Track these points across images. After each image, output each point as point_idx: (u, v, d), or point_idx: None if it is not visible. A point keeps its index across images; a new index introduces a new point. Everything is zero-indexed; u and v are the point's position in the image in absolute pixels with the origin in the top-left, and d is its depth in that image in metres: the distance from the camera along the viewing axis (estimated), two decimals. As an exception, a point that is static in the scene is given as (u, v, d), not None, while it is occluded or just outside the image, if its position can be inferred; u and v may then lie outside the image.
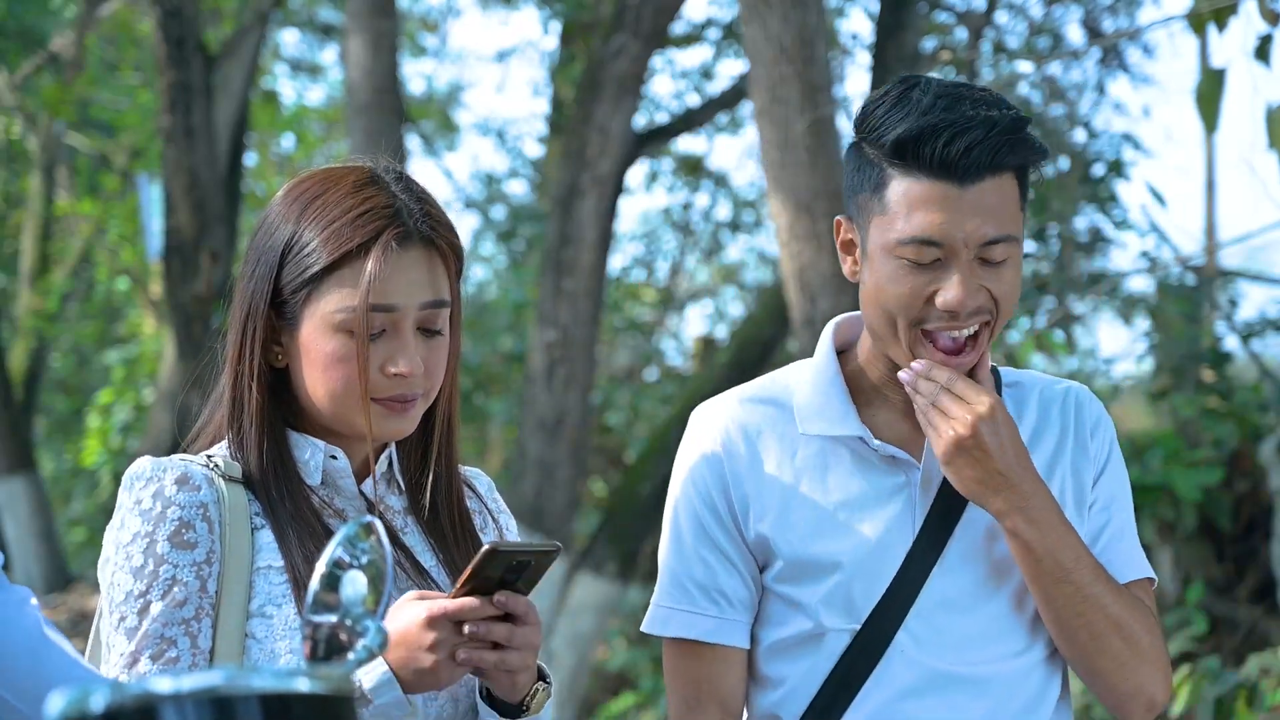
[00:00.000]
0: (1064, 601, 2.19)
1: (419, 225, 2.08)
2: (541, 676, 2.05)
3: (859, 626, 2.23)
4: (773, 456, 2.28)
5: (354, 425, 2.08)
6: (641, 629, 2.37)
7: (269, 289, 2.08)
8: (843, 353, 2.34)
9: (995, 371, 2.33)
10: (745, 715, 2.35)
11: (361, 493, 2.15)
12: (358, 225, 2.05)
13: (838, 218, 2.27)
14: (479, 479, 2.29)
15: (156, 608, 1.99)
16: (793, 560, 2.25)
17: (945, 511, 2.24)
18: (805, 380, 2.32)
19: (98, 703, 1.14)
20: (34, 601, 1.96)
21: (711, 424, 2.31)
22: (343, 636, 1.44)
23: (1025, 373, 2.38)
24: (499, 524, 2.27)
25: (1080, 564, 2.19)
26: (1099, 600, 2.19)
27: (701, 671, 2.31)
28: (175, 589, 2.00)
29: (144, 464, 2.06)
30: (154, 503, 2.02)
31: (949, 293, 2.14)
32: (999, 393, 2.30)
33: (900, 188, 2.15)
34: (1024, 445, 2.20)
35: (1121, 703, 2.25)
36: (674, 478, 2.34)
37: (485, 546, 1.91)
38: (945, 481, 2.23)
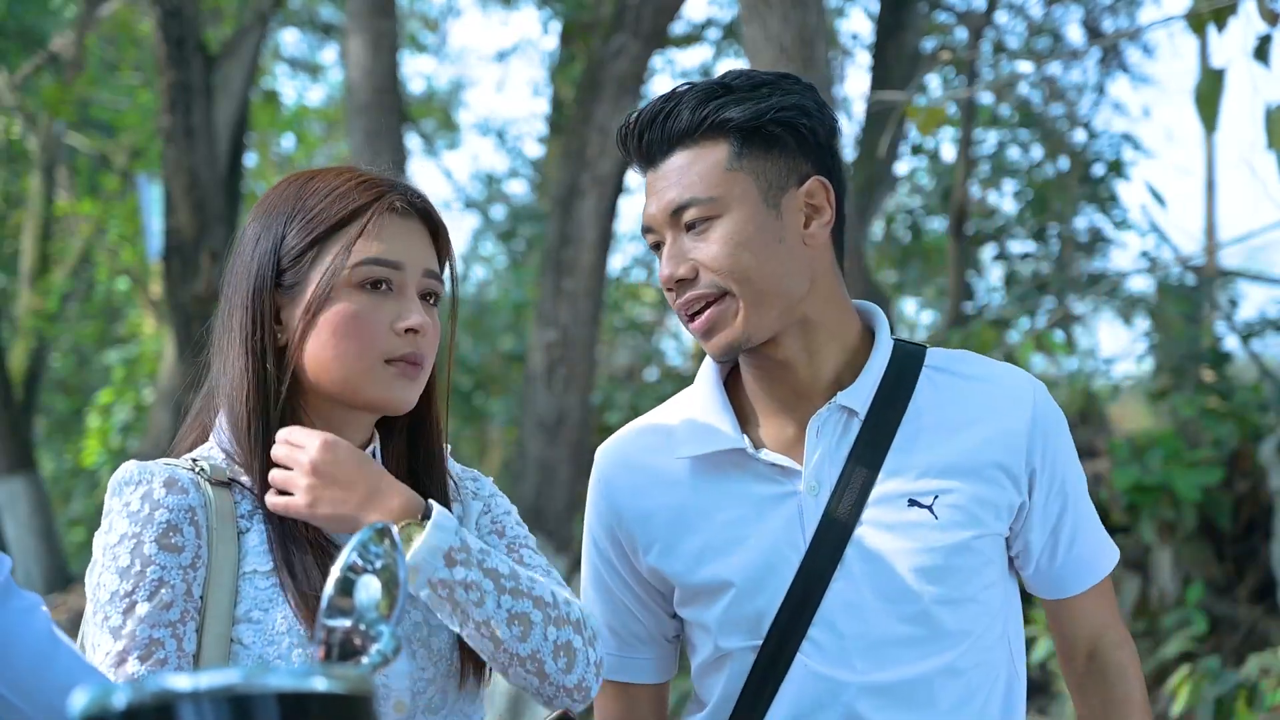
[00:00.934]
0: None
1: (414, 200, 2.12)
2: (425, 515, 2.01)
3: (760, 643, 2.17)
4: (656, 486, 2.23)
5: (362, 391, 2.07)
6: None
7: (273, 262, 2.09)
8: (736, 368, 2.29)
9: (922, 351, 2.25)
10: None
11: None
12: (361, 189, 2.09)
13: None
14: (481, 481, 2.29)
15: (143, 608, 1.98)
16: (685, 587, 2.22)
17: (840, 515, 2.15)
18: (688, 400, 2.28)
19: (119, 700, 1.15)
20: (44, 608, 1.97)
21: (601, 461, 2.30)
22: (356, 640, 1.45)
23: (957, 356, 2.27)
24: (498, 519, 2.26)
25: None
26: None
27: (614, 706, 2.34)
28: (162, 590, 1.99)
29: (130, 468, 2.05)
30: (142, 505, 2.01)
31: (661, 269, 2.17)
32: (916, 375, 2.21)
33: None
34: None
35: None
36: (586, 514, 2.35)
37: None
38: (838, 484, 2.15)
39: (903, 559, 2.14)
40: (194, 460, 2.07)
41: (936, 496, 2.15)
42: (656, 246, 2.18)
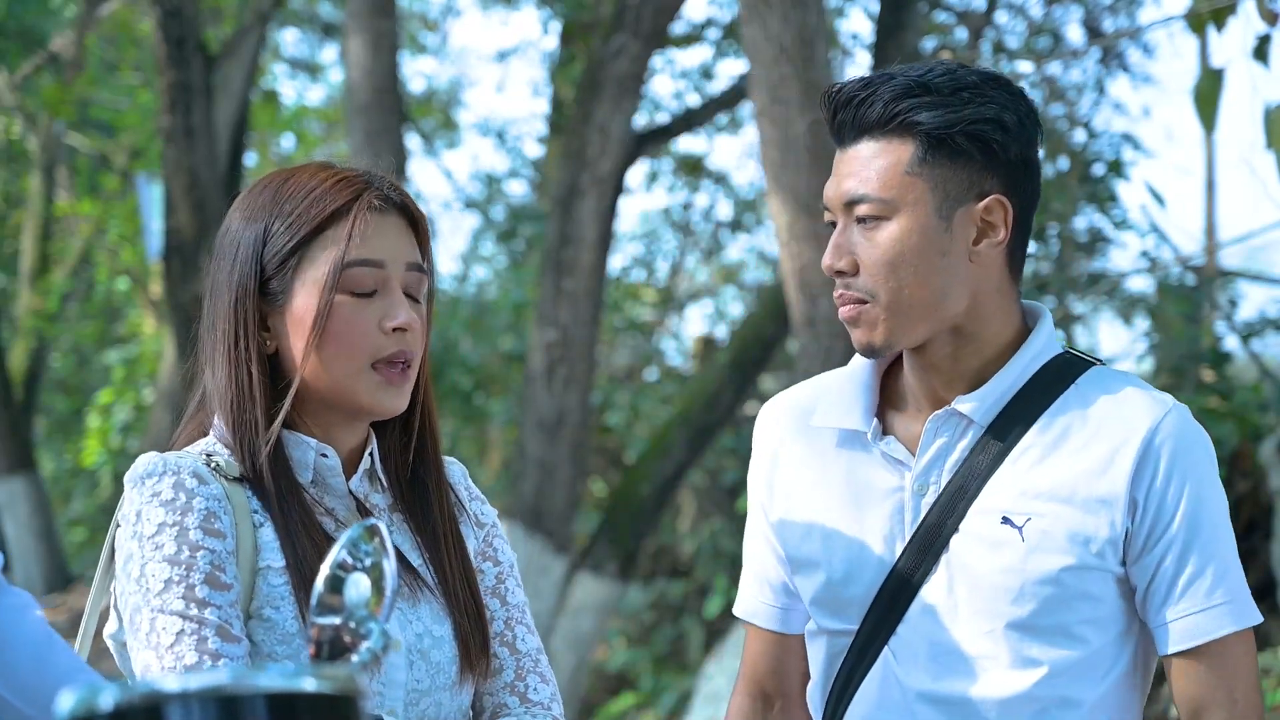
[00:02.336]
0: None
1: (391, 193, 2.11)
2: None
3: (855, 629, 2.18)
4: (790, 449, 2.26)
5: (351, 397, 2.07)
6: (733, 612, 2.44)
7: (255, 271, 2.08)
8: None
9: (1085, 367, 2.18)
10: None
11: (350, 491, 2.14)
12: (337, 190, 2.08)
13: None
14: (452, 466, 2.27)
15: (203, 590, 1.96)
16: (790, 556, 2.25)
17: (940, 521, 2.13)
18: (842, 371, 2.28)
19: (106, 701, 1.15)
20: (36, 606, 1.96)
21: (759, 417, 2.33)
22: (346, 638, 1.45)
23: (1118, 375, 2.18)
24: (471, 512, 2.24)
25: None
26: None
27: (758, 651, 2.35)
28: (218, 573, 1.98)
29: (153, 460, 2.05)
30: (176, 493, 2.00)
31: (825, 255, 2.16)
32: (1063, 389, 2.13)
33: None
34: None
35: None
36: None
37: None
38: (944, 489, 2.13)
39: (986, 576, 2.12)
40: (208, 455, 2.06)
41: (1029, 519, 2.11)
42: (831, 225, 2.17)
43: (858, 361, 2.24)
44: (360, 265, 2.06)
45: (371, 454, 2.16)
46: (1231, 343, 7.64)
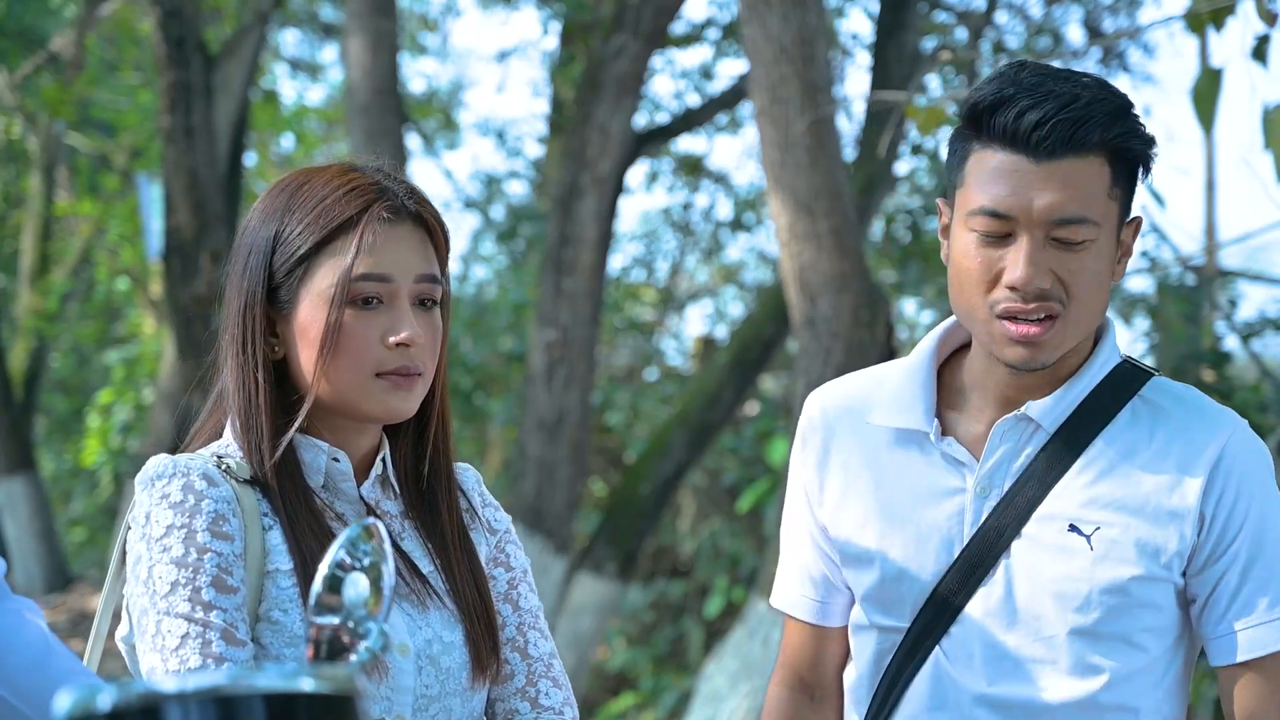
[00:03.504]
0: None
1: (406, 202, 2.09)
2: None
3: (906, 626, 2.19)
4: (844, 443, 2.25)
5: (357, 406, 2.07)
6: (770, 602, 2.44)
7: (264, 277, 2.07)
8: (964, 348, 2.26)
9: (1146, 377, 2.20)
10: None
11: (362, 497, 2.13)
12: (347, 200, 2.06)
13: (940, 199, 2.21)
14: (466, 473, 2.27)
15: (209, 594, 1.96)
16: (842, 550, 2.24)
17: (1001, 524, 2.13)
18: (898, 367, 2.27)
19: (104, 702, 1.15)
20: (36, 611, 1.97)
21: (808, 407, 2.32)
22: (345, 638, 1.45)
23: (1179, 389, 2.20)
24: (483, 519, 2.24)
25: None
26: None
27: (797, 644, 2.36)
28: (225, 577, 1.98)
29: (163, 461, 2.04)
30: (185, 495, 2.00)
31: (1014, 270, 2.05)
32: (1127, 398, 2.16)
33: (977, 159, 2.09)
34: None
35: None
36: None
37: None
38: (1008, 493, 2.13)
39: (1050, 583, 2.13)
40: (219, 457, 2.06)
41: (1098, 528, 2.12)
42: (992, 235, 2.08)
43: (915, 357, 2.24)
44: (366, 279, 2.04)
45: (384, 460, 2.15)
46: (1231, 343, 7.63)
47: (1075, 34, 10.82)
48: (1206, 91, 3.95)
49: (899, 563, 2.19)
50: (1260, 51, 3.90)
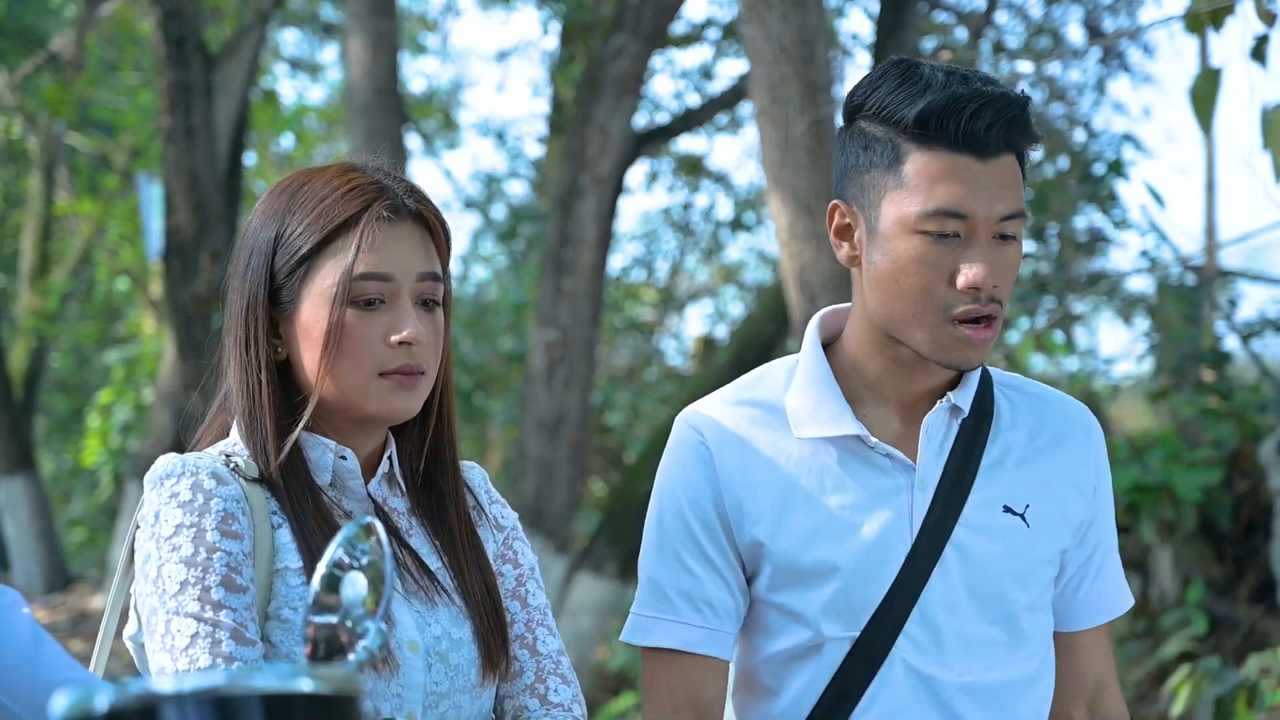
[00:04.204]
0: None
1: (406, 200, 2.09)
2: None
3: (858, 634, 2.17)
4: (765, 460, 2.21)
5: (361, 406, 2.06)
6: (621, 639, 2.30)
7: (266, 278, 2.07)
8: (828, 346, 2.26)
9: (985, 371, 2.28)
10: None
11: (369, 494, 2.13)
12: (347, 200, 2.06)
13: (833, 202, 2.19)
14: (472, 471, 2.27)
15: (219, 593, 1.95)
16: (788, 567, 2.18)
17: (943, 513, 2.18)
18: (795, 380, 2.24)
19: (101, 703, 1.14)
20: (26, 606, 1.96)
21: (699, 428, 2.24)
22: (343, 637, 1.44)
23: (1017, 377, 2.32)
24: (490, 516, 2.24)
25: None
26: None
27: (682, 682, 2.22)
28: (234, 576, 1.97)
29: (171, 461, 2.04)
30: (194, 494, 1.99)
31: (973, 269, 2.08)
32: (991, 392, 2.25)
33: (920, 162, 2.09)
34: None
35: None
36: (659, 484, 2.28)
37: None
38: (941, 481, 2.18)
39: (995, 563, 2.19)
40: (227, 456, 2.06)
41: (1029, 506, 2.21)
42: (946, 237, 2.10)
43: (813, 364, 2.23)
44: (367, 279, 2.04)
45: (390, 457, 2.15)
46: (1231, 343, 7.63)
47: (1075, 34, 10.83)
48: (1205, 91, 3.95)
49: (857, 569, 2.17)
50: (1259, 51, 3.90)
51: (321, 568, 1.48)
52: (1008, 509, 2.19)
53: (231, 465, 2.04)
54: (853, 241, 2.17)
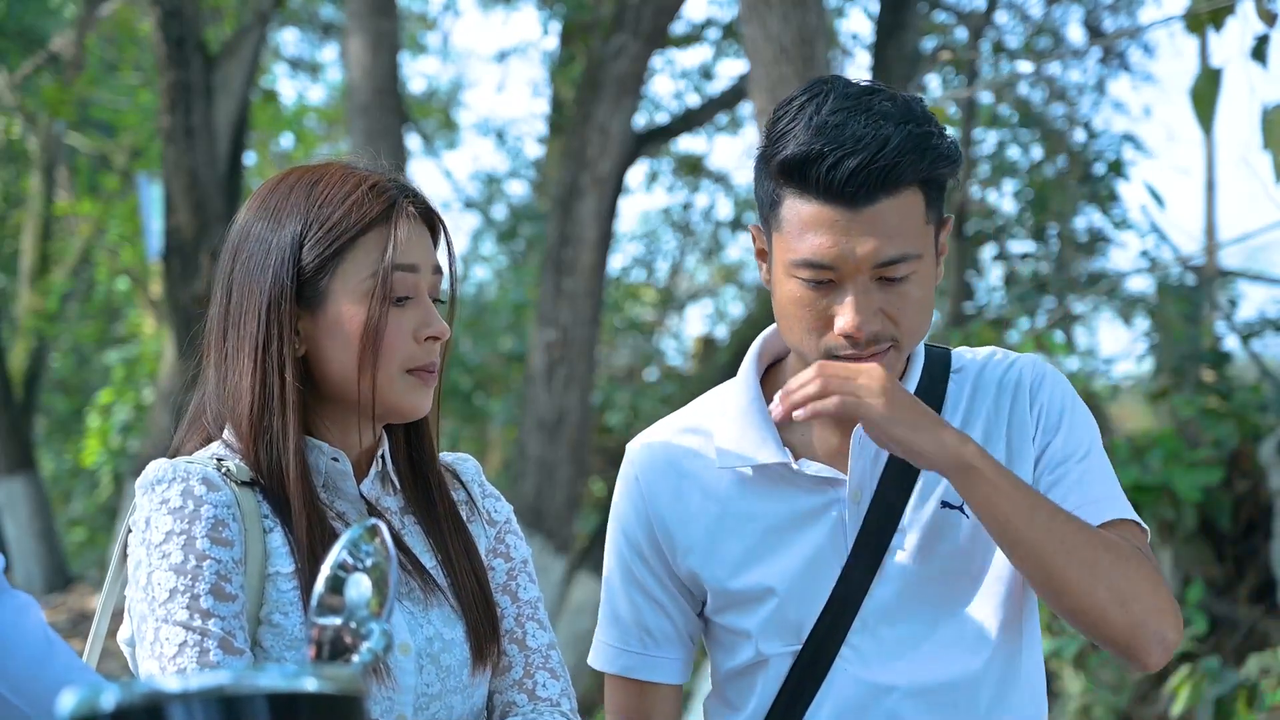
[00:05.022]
0: (1043, 529, 2.03)
1: (418, 200, 2.12)
2: None
3: (799, 648, 2.18)
4: (696, 489, 2.23)
5: (387, 403, 2.06)
6: (588, 661, 2.36)
7: (293, 274, 2.05)
8: (775, 364, 2.28)
9: (947, 355, 2.25)
10: None
11: (362, 495, 2.13)
12: (374, 195, 2.07)
13: (752, 224, 2.19)
14: (465, 464, 2.28)
15: (208, 601, 1.95)
16: (723, 593, 2.21)
17: (880, 522, 2.16)
18: (726, 407, 2.25)
19: (108, 701, 1.14)
20: (36, 608, 1.96)
21: (638, 459, 2.27)
22: (347, 639, 1.44)
23: (974, 354, 2.26)
24: (483, 510, 2.24)
25: (1039, 498, 2.07)
26: (1073, 524, 2.05)
27: (631, 705, 2.30)
28: (223, 583, 1.97)
29: (162, 466, 2.03)
30: (184, 500, 1.99)
31: (844, 317, 2.05)
32: (945, 381, 2.22)
33: (792, 208, 2.07)
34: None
35: (1128, 642, 2.07)
36: (610, 512, 2.32)
37: None
38: (878, 491, 2.16)
39: (938, 561, 2.17)
40: (219, 460, 2.05)
41: None
42: (821, 283, 2.07)
43: (741, 393, 2.24)
44: (400, 271, 2.05)
45: (383, 456, 2.15)
46: (1231, 343, 7.63)
47: (1075, 34, 10.83)
48: (1205, 91, 3.95)
49: (791, 588, 2.17)
50: (1259, 51, 3.90)
51: (326, 569, 1.48)
52: (945, 504, 2.16)
53: (223, 470, 2.03)
54: (767, 266, 2.17)
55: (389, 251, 2.05)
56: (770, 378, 2.28)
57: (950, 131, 2.15)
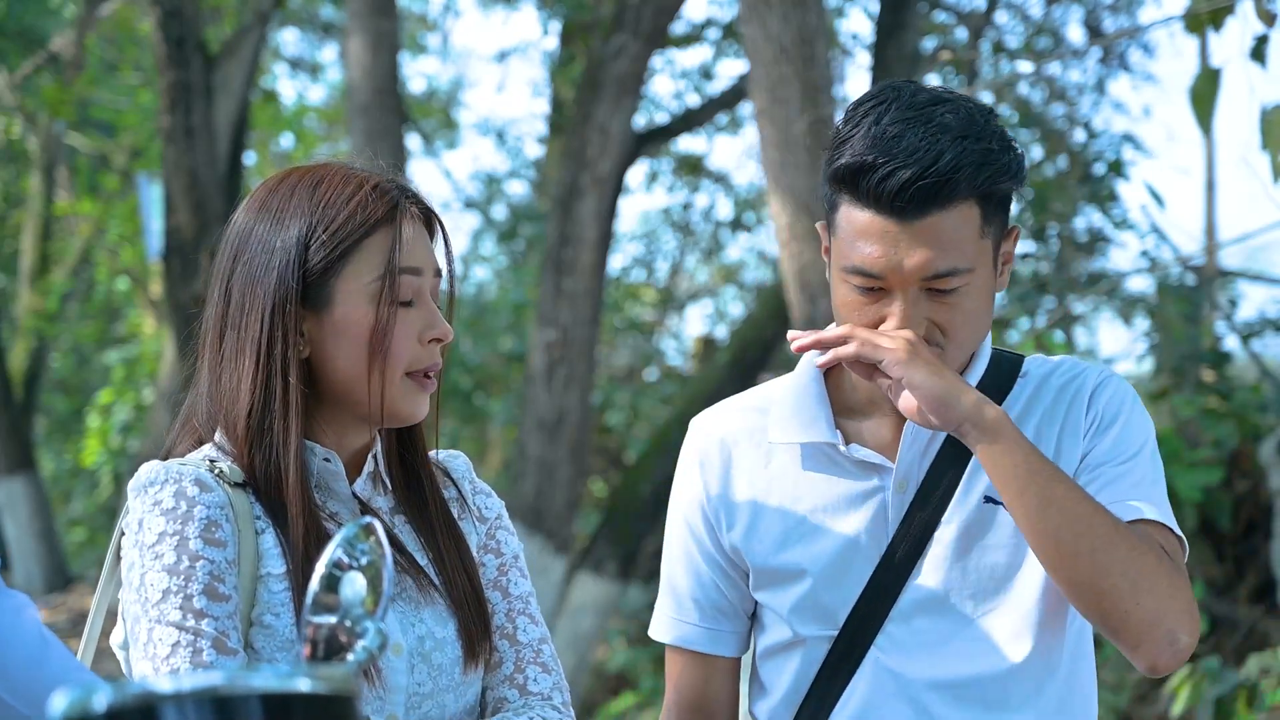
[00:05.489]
0: (1059, 503, 2.03)
1: (419, 202, 2.12)
2: None
3: (836, 633, 2.21)
4: (746, 466, 2.27)
5: (390, 406, 2.06)
6: (648, 633, 2.41)
7: (299, 275, 2.04)
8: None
9: (1019, 360, 2.26)
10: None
11: (354, 495, 2.13)
12: (378, 195, 2.07)
13: (819, 223, 2.23)
14: (456, 460, 2.27)
15: (201, 601, 1.95)
16: (760, 570, 2.25)
17: (923, 513, 2.19)
18: (786, 387, 2.29)
19: (100, 702, 1.14)
20: (33, 607, 1.96)
21: (696, 434, 2.33)
22: (342, 638, 1.44)
23: (1045, 360, 2.27)
24: (474, 507, 2.23)
25: (1062, 474, 2.07)
26: (1096, 507, 2.04)
27: (688, 677, 2.34)
28: (216, 584, 1.97)
29: (155, 468, 2.02)
30: (177, 501, 1.98)
31: (891, 324, 2.09)
32: (1011, 382, 2.23)
33: (847, 214, 2.11)
34: None
35: (1138, 637, 2.06)
36: (673, 484, 2.36)
37: None
38: (924, 482, 2.19)
39: (978, 556, 2.18)
40: (211, 461, 2.05)
41: None
42: (871, 290, 2.10)
43: (804, 374, 2.27)
44: (405, 274, 2.05)
45: (375, 456, 2.15)
46: (1231, 343, 7.63)
47: (1075, 34, 10.83)
48: (1205, 91, 3.95)
49: (827, 572, 2.20)
50: (1259, 52, 3.90)
51: (321, 568, 1.48)
52: (988, 499, 2.18)
53: (216, 471, 2.03)
54: (829, 264, 2.19)
55: (395, 254, 2.04)
56: (838, 377, 2.28)
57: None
